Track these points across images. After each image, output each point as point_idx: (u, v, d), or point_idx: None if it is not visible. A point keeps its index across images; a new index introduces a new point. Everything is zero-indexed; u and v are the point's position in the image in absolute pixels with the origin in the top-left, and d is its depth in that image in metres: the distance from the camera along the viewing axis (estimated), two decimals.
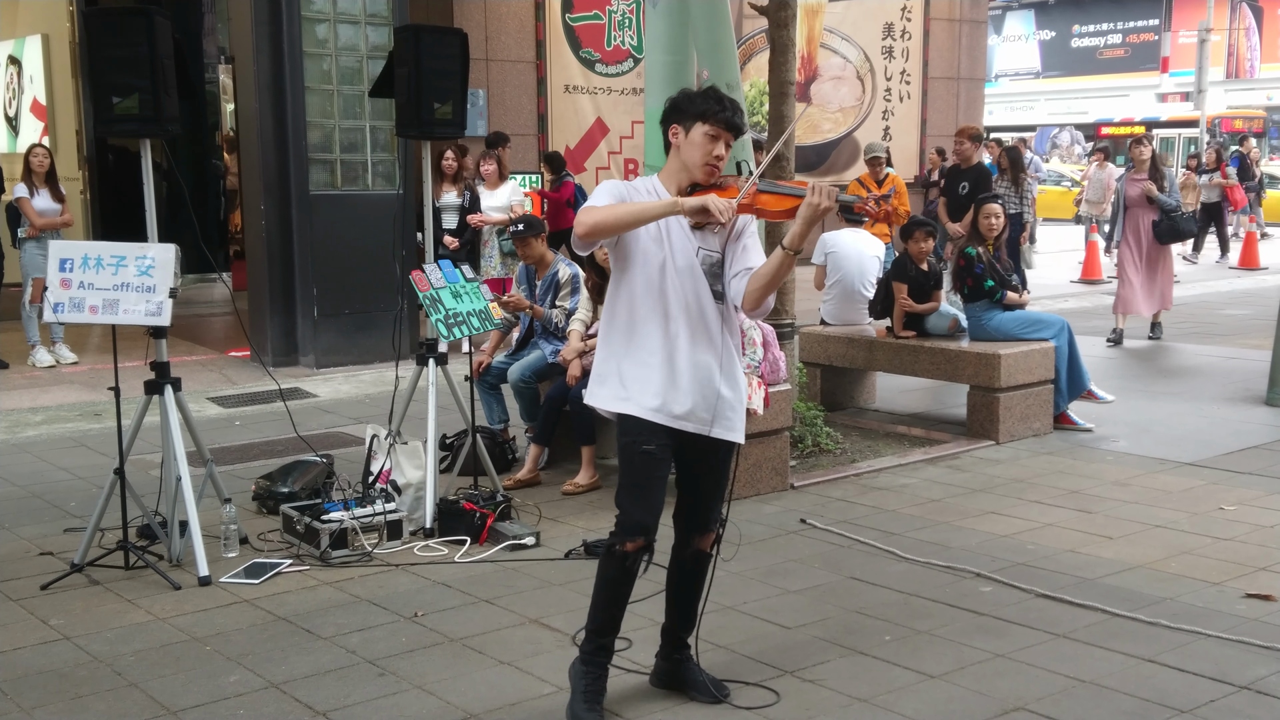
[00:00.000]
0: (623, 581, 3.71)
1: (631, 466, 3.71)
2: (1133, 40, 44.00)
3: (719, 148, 3.64)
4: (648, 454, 3.66)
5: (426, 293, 5.82)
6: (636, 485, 3.70)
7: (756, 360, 6.17)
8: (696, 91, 3.74)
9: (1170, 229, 10.59)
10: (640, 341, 3.67)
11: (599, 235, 3.56)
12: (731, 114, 3.64)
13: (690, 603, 3.92)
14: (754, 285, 3.61)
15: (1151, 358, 10.29)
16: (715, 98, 3.65)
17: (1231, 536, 5.48)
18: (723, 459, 3.82)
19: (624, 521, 3.69)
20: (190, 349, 10.72)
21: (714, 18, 7.34)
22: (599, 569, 3.76)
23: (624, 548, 3.66)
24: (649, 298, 3.65)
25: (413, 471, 5.80)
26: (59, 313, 5.13)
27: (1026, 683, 3.98)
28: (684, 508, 3.90)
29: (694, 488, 3.87)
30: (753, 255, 3.68)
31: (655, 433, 3.66)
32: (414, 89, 5.80)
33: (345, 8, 10.00)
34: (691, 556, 3.89)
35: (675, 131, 3.68)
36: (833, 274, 8.50)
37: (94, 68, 5.13)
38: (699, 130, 3.63)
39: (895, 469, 6.82)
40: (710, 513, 3.87)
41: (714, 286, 3.69)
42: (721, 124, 3.63)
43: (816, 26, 17.34)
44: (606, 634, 3.77)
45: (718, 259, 3.70)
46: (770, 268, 3.59)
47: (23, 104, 15.64)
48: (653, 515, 3.69)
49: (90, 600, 4.83)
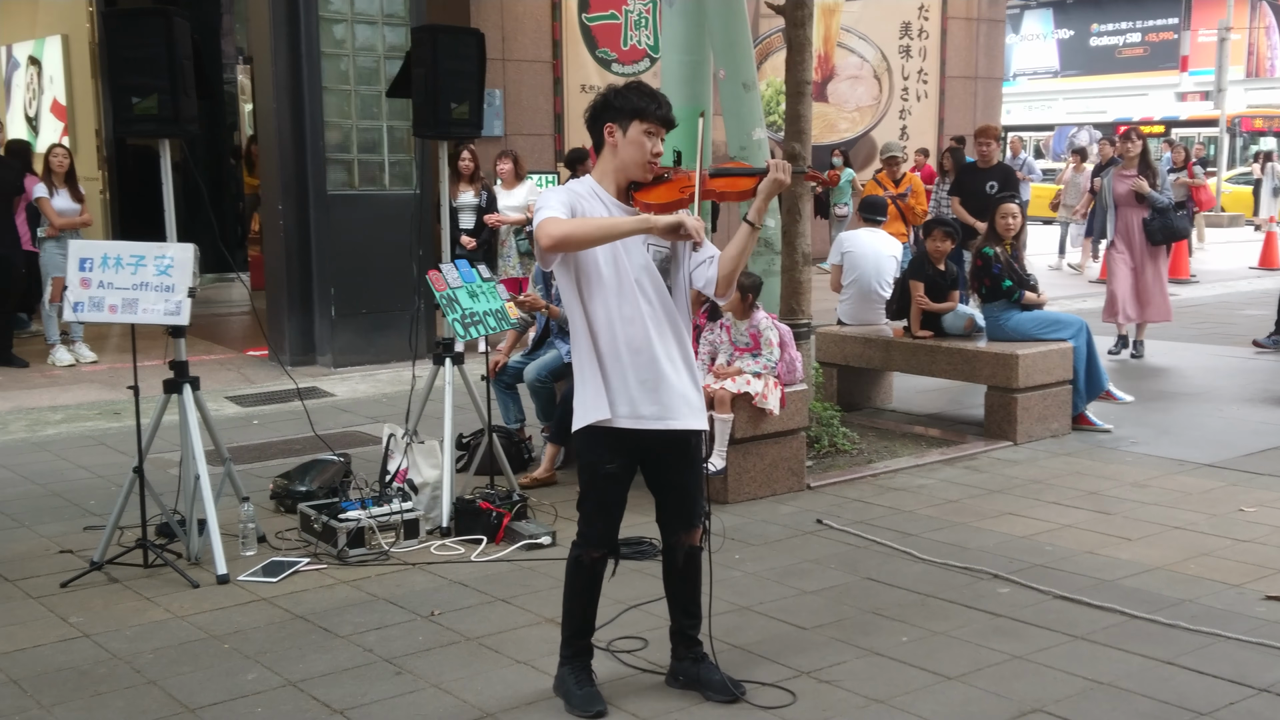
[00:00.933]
0: (591, 585, 3.83)
1: (594, 486, 3.78)
2: (1152, 39, 43.77)
3: (657, 144, 3.65)
4: (610, 475, 3.72)
5: (443, 292, 5.84)
6: (599, 503, 3.78)
7: (773, 360, 6.17)
8: (624, 88, 3.69)
9: (1163, 228, 9.80)
10: (603, 350, 3.64)
11: (565, 249, 3.52)
12: (666, 110, 3.66)
13: (692, 600, 3.93)
14: (726, 269, 3.67)
15: (1170, 359, 10.23)
16: (649, 94, 3.65)
17: (1251, 538, 5.45)
18: (694, 450, 3.82)
19: (587, 534, 3.80)
20: (209, 348, 10.77)
21: (730, 17, 7.34)
22: (567, 578, 3.84)
23: (592, 556, 3.78)
24: (610, 303, 3.62)
25: (429, 471, 5.82)
26: (79, 312, 5.16)
27: (1044, 684, 3.96)
28: (666, 508, 3.87)
29: (670, 485, 3.84)
30: (707, 244, 3.68)
31: (617, 450, 3.68)
32: (431, 89, 5.81)
33: (363, 8, 10.03)
34: (684, 555, 3.89)
35: (611, 130, 3.65)
36: (849, 274, 8.49)
37: (113, 68, 5.15)
38: (636, 129, 3.62)
39: (912, 469, 6.80)
40: (694, 507, 3.85)
41: (668, 280, 3.71)
42: (658, 121, 3.63)
43: (833, 25, 17.31)
44: (583, 635, 3.86)
45: (667, 253, 3.71)
46: (738, 245, 3.66)
47: (43, 104, 15.74)
48: (615, 528, 3.80)
49: (109, 598, 4.85)
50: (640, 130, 3.62)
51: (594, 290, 3.63)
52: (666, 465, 3.80)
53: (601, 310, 3.63)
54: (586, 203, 3.63)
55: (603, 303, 3.63)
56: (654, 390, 3.65)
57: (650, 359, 3.64)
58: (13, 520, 5.96)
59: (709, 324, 6.36)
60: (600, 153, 3.76)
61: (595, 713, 3.73)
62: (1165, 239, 9.87)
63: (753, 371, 6.10)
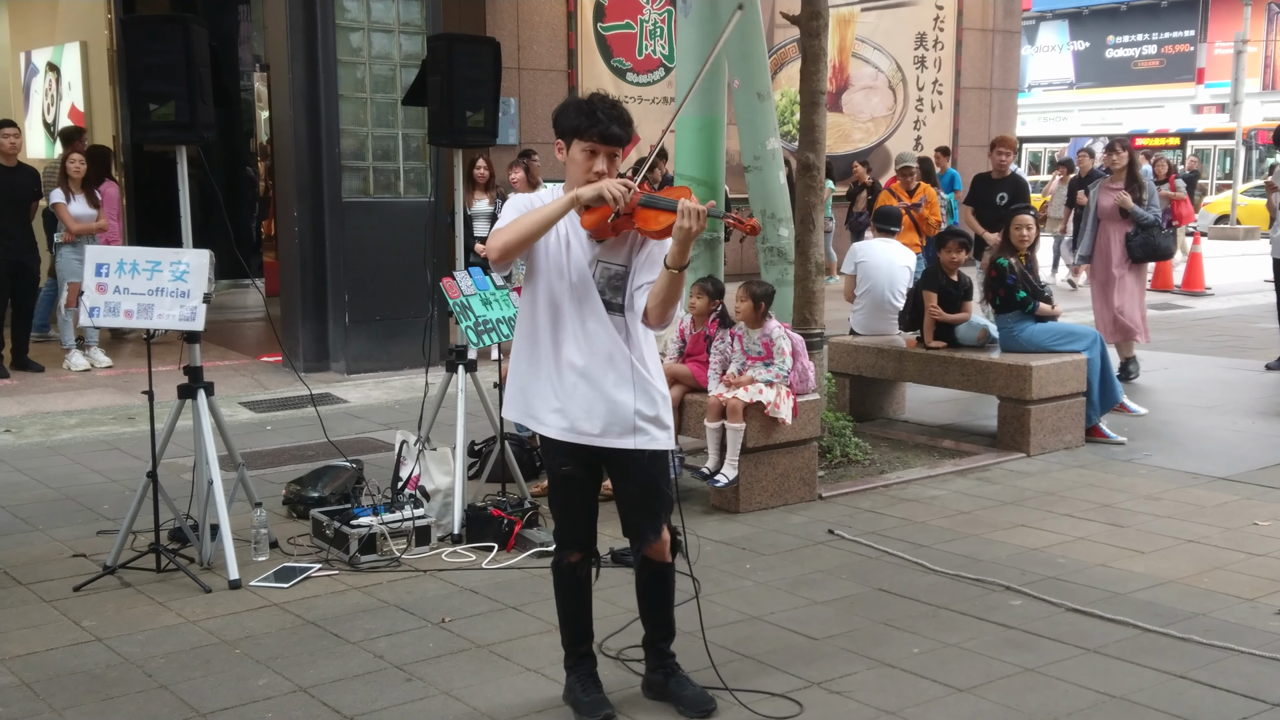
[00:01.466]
0: (578, 590, 3.84)
1: (555, 487, 3.83)
2: (1168, 51, 43.65)
3: (598, 163, 3.56)
4: (566, 476, 3.75)
5: (457, 300, 5.85)
6: (562, 505, 3.84)
7: (785, 370, 6.16)
8: (567, 105, 3.64)
9: (1144, 245, 9.24)
10: (539, 357, 3.67)
11: (511, 255, 3.53)
12: (606, 125, 3.54)
13: (660, 611, 3.90)
14: (651, 304, 3.56)
15: (1184, 372, 10.18)
16: (587, 111, 3.55)
17: (1265, 552, 5.42)
18: (644, 468, 3.70)
19: (560, 537, 3.84)
20: (223, 354, 10.80)
21: (746, 27, 7.36)
22: (555, 586, 3.87)
23: (569, 560, 3.80)
24: (546, 313, 3.64)
25: (441, 478, 5.83)
26: (94, 317, 5.19)
27: (1056, 698, 3.95)
28: (624, 522, 3.88)
29: (624, 500, 3.85)
30: (658, 266, 3.58)
31: (568, 453, 3.70)
32: (446, 97, 5.84)
33: (379, 16, 10.07)
34: (647, 570, 3.86)
35: (560, 147, 3.64)
36: (862, 284, 8.48)
37: (131, 75, 5.19)
38: (576, 148, 3.58)
39: (924, 480, 6.78)
40: (642, 523, 3.78)
41: (611, 299, 3.62)
42: (595, 138, 3.54)
43: (848, 36, 17.32)
44: (581, 643, 3.87)
45: (619, 269, 3.63)
46: (659, 287, 3.52)
47: (61, 110, 15.82)
48: (584, 528, 3.81)
49: (122, 602, 4.87)
50: (580, 149, 3.57)
51: (538, 300, 3.65)
52: (615, 478, 3.83)
53: (542, 321, 3.65)
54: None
55: (544, 314, 3.64)
56: (582, 407, 3.62)
57: (583, 375, 3.61)
58: (27, 524, 5.98)
59: (720, 332, 6.36)
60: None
61: (603, 717, 3.74)
62: (1145, 256, 9.39)
63: (765, 381, 6.10)
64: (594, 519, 3.83)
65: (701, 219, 3.41)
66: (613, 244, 3.63)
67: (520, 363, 3.75)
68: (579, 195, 3.49)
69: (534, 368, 3.70)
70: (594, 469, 3.78)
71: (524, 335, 3.74)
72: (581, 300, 3.61)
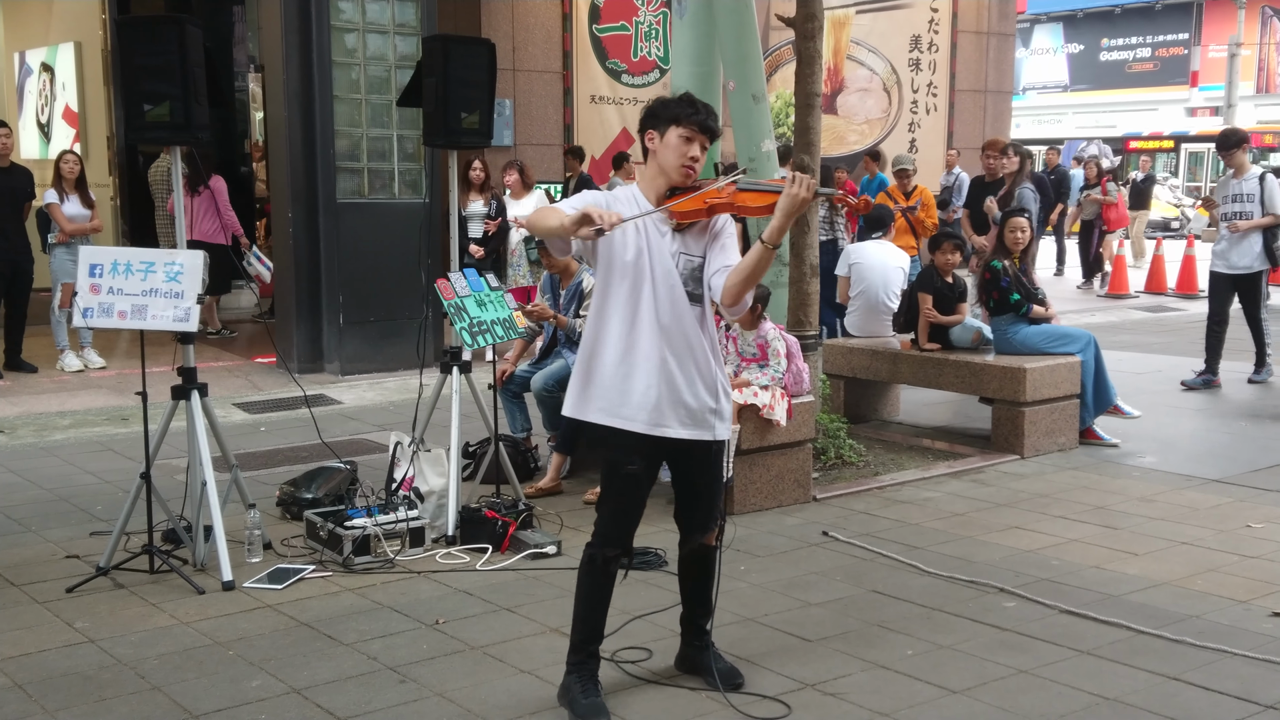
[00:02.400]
0: (604, 587, 3.86)
1: (614, 485, 3.83)
2: (1162, 54, 43.73)
3: (694, 149, 3.71)
4: (631, 475, 3.77)
5: (451, 301, 5.85)
6: (619, 504, 3.83)
7: (780, 372, 6.17)
8: (668, 97, 3.81)
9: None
10: (620, 351, 3.73)
11: (533, 233, 3.76)
12: (705, 116, 3.72)
13: (704, 592, 4.04)
14: (733, 280, 3.67)
15: (1178, 374, 10.20)
16: (689, 102, 3.74)
17: (1259, 554, 5.43)
18: (713, 458, 3.89)
19: (604, 533, 3.83)
20: (217, 355, 10.79)
21: (741, 29, 7.36)
22: (579, 579, 3.87)
23: (606, 555, 3.81)
24: (628, 306, 3.71)
25: (435, 479, 5.82)
26: (88, 317, 5.17)
27: (1049, 699, 3.95)
28: (683, 509, 3.98)
29: (689, 489, 3.95)
30: (730, 253, 3.75)
31: (639, 450, 3.74)
32: (441, 98, 5.83)
33: (374, 17, 10.06)
34: (697, 553, 4.00)
35: (651, 137, 3.76)
36: (857, 286, 8.49)
37: (126, 75, 5.18)
38: (674, 133, 3.71)
39: (918, 482, 6.79)
40: (710, 512, 3.94)
41: (694, 290, 3.75)
42: (695, 126, 3.70)
43: (843, 38, 17.33)
44: (592, 642, 3.87)
45: (699, 262, 3.76)
46: (749, 262, 3.64)
47: (55, 111, 15.80)
48: (631, 530, 3.86)
49: (115, 603, 4.86)
50: (677, 134, 3.70)
51: (615, 292, 3.74)
52: (685, 469, 3.91)
53: (627, 318, 3.72)
54: (623, 208, 3.73)
55: (621, 308, 3.72)
56: (668, 400, 3.72)
57: (665, 370, 3.71)
58: (19, 525, 5.97)
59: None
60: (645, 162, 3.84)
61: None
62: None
63: (760, 383, 6.10)
64: (640, 520, 3.88)
65: (811, 188, 3.56)
66: (693, 235, 3.75)
67: (596, 359, 3.76)
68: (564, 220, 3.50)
69: (613, 363, 3.73)
70: (655, 466, 3.86)
71: (603, 331, 3.76)
72: (664, 292, 3.71)
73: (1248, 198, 9.24)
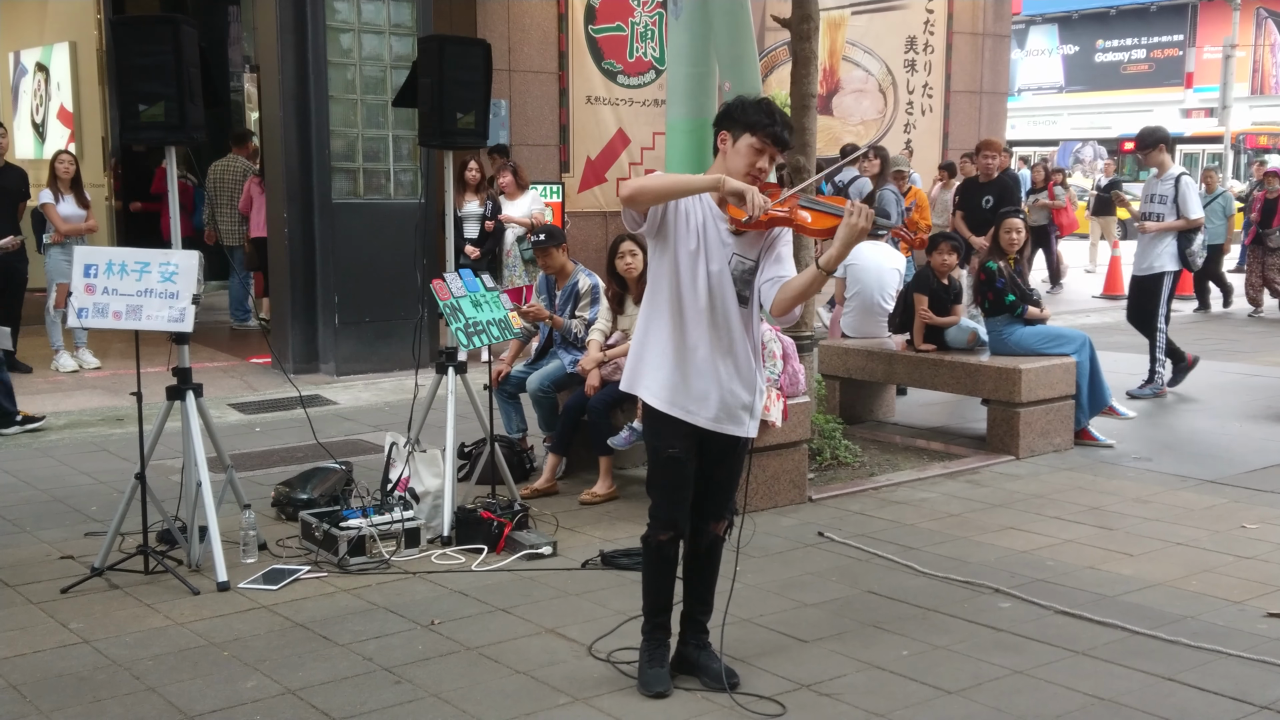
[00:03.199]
0: (665, 565, 3.99)
1: (660, 468, 3.95)
2: (1157, 55, 43.80)
3: (763, 160, 3.77)
4: (673, 458, 3.88)
5: (447, 301, 5.84)
6: (666, 485, 3.94)
7: (776, 373, 6.17)
8: (751, 101, 3.83)
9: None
10: (667, 336, 3.84)
11: (640, 201, 3.68)
12: (781, 129, 3.76)
13: (706, 586, 4.11)
14: (784, 295, 3.74)
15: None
16: (767, 110, 3.77)
17: (1253, 555, 5.44)
18: (738, 453, 4.00)
19: (657, 515, 3.95)
20: (212, 355, 10.78)
21: (736, 30, 7.34)
22: (644, 560, 4.04)
23: (659, 538, 3.95)
24: (679, 296, 3.81)
25: (431, 480, 5.81)
26: (83, 318, 5.17)
27: (1045, 700, 3.95)
28: (699, 497, 4.03)
29: (708, 479, 4.01)
30: (786, 265, 3.81)
31: (680, 435, 3.85)
32: (437, 99, 5.83)
33: (370, 18, 10.06)
34: (706, 542, 4.07)
35: (724, 138, 3.81)
36: (852, 287, 8.49)
37: (120, 75, 5.17)
38: (746, 141, 3.75)
39: (914, 483, 6.79)
40: (724, 503, 4.04)
41: (742, 291, 3.82)
42: (769, 138, 3.75)
43: (839, 39, 17.32)
44: (661, 613, 4.02)
45: (751, 265, 3.83)
46: (802, 282, 3.72)
47: (50, 111, 15.79)
48: (682, 510, 3.96)
49: (110, 604, 4.85)
50: (749, 143, 3.75)
51: (669, 282, 3.82)
52: (712, 460, 3.98)
53: (672, 302, 3.82)
54: (689, 203, 3.80)
55: (674, 296, 3.81)
56: (706, 394, 3.83)
57: (707, 363, 3.82)
58: (14, 525, 5.96)
59: None
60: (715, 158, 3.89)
61: (656, 693, 3.92)
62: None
63: None
64: (689, 502, 3.96)
65: (870, 218, 3.61)
66: (749, 239, 3.80)
67: (647, 340, 3.89)
68: (726, 180, 3.63)
69: (661, 349, 3.84)
70: (695, 451, 3.93)
71: (655, 316, 3.86)
72: (716, 289, 3.79)
73: (1161, 199, 9.09)
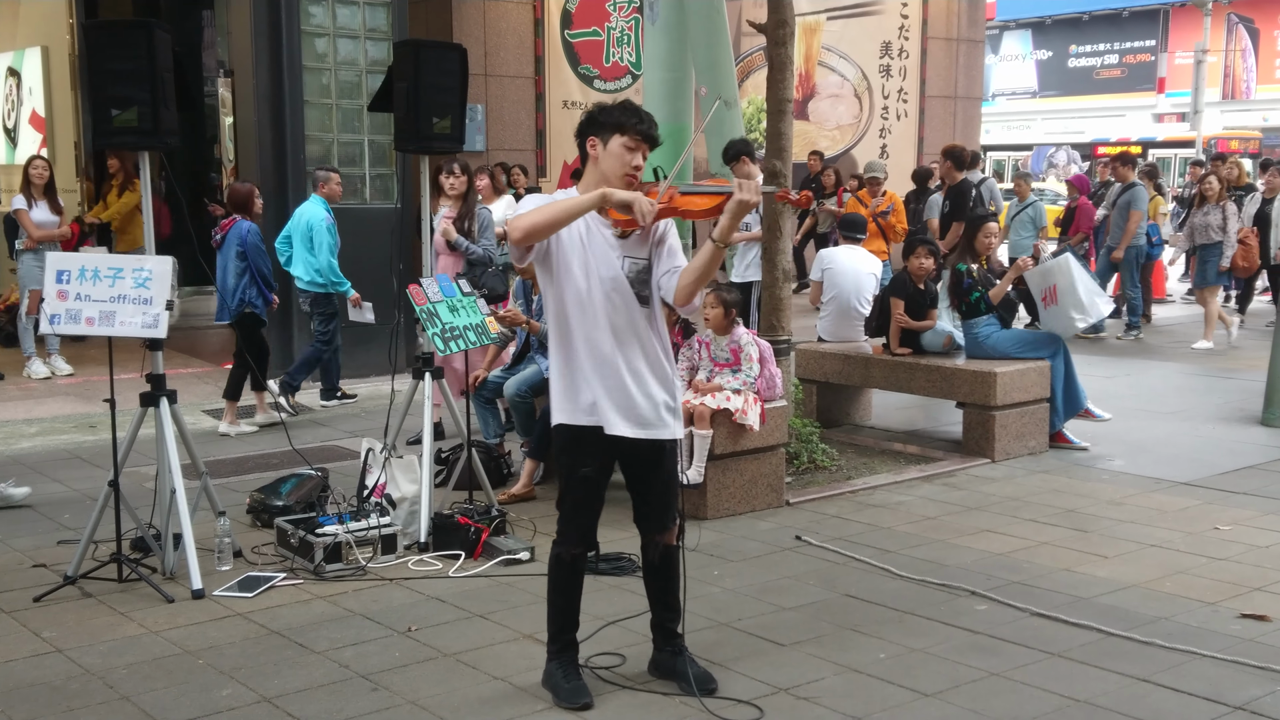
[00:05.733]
0: (572, 580, 3.96)
1: (570, 486, 3.94)
2: (1129, 61, 44.14)
3: (636, 158, 3.77)
4: (585, 478, 3.87)
5: (423, 306, 5.83)
6: (576, 502, 3.93)
7: (753, 376, 6.17)
8: (609, 105, 3.85)
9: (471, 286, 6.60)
10: (577, 353, 3.81)
11: (535, 237, 3.68)
12: (648, 126, 3.78)
13: (670, 593, 4.07)
14: (686, 280, 3.74)
15: (1145, 378, 10.29)
16: (632, 110, 3.79)
17: (1226, 556, 5.48)
18: (666, 458, 3.94)
19: (566, 532, 3.94)
20: (186, 361, 10.71)
21: (712, 35, 7.39)
22: (550, 576, 3.99)
23: (571, 553, 3.94)
24: (577, 310, 3.78)
25: (408, 485, 5.79)
26: (55, 324, 5.12)
27: (1021, 702, 3.97)
28: (640, 510, 4.02)
29: (644, 490, 4.00)
30: (678, 255, 3.83)
31: (592, 453, 3.84)
32: (413, 103, 5.82)
33: (345, 22, 10.03)
34: (659, 554, 4.03)
35: (593, 144, 3.80)
36: (829, 291, 8.51)
37: (93, 80, 5.14)
38: (617, 142, 3.76)
39: (891, 486, 6.81)
40: (664, 511, 3.98)
41: (641, 292, 3.81)
42: (639, 135, 3.76)
43: (815, 44, 17.39)
44: (569, 630, 3.99)
45: (644, 264, 3.82)
46: (700, 260, 3.72)
47: (21, 116, 15.65)
48: (591, 526, 3.96)
49: (83, 613, 4.81)
50: (620, 143, 3.75)
51: (566, 299, 3.80)
52: (639, 470, 3.96)
53: (573, 318, 3.79)
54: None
55: (574, 311, 3.79)
56: (619, 400, 3.79)
57: (614, 370, 3.78)
58: None
59: (685, 341, 6.38)
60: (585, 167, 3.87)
61: (582, 704, 3.88)
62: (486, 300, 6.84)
63: (732, 388, 6.11)
64: (598, 516, 3.97)
65: (758, 192, 3.62)
66: (636, 239, 3.80)
67: (557, 361, 3.87)
68: (610, 194, 3.63)
69: (570, 365, 3.82)
70: (609, 467, 3.93)
71: (556, 335, 3.86)
72: (613, 294, 3.77)
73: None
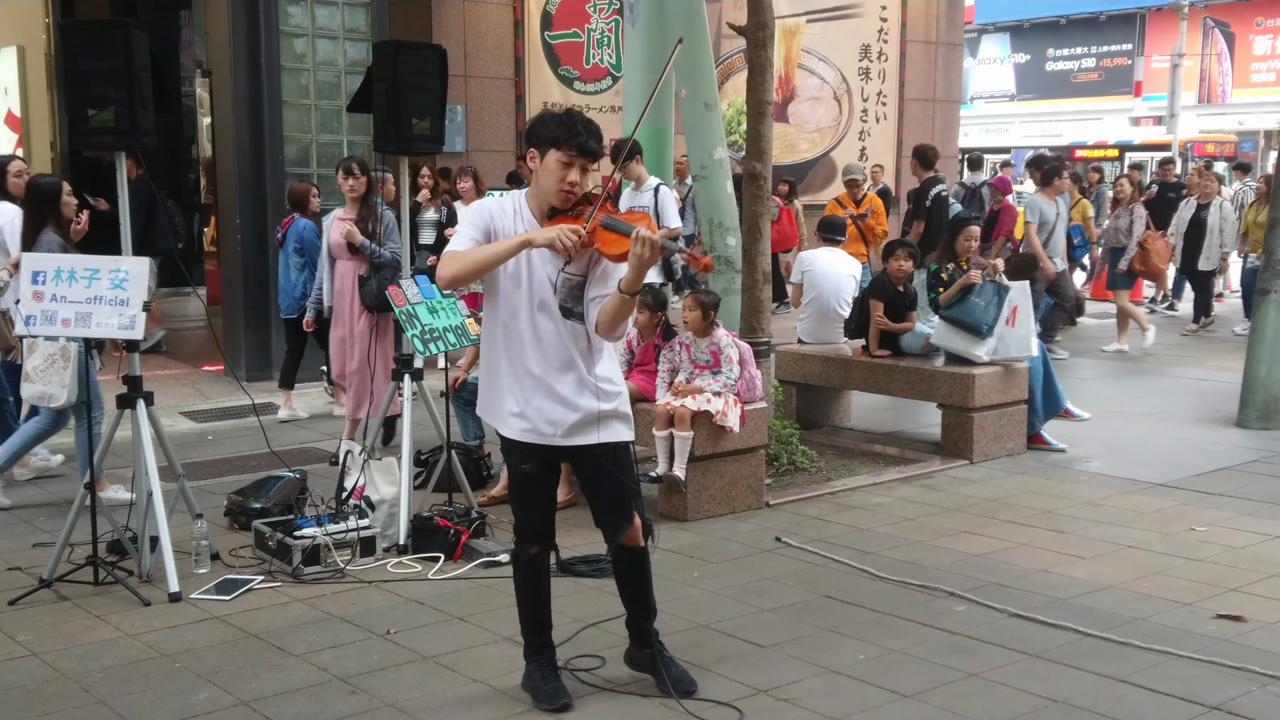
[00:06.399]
0: (537, 580, 3.96)
1: (516, 484, 3.94)
2: (1106, 64, 44.38)
3: (572, 174, 3.65)
4: (526, 473, 3.88)
5: (403, 308, 5.81)
6: (523, 501, 3.94)
7: (733, 378, 6.18)
8: (553, 114, 3.72)
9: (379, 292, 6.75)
10: (500, 362, 3.80)
11: (460, 284, 3.72)
12: (585, 139, 3.63)
13: (643, 592, 4.05)
14: (601, 319, 3.69)
15: (1125, 378, 10.35)
16: (568, 122, 3.64)
17: (1203, 557, 5.52)
18: (612, 460, 3.85)
19: (521, 530, 3.94)
20: (163, 363, 10.65)
21: (692, 37, 7.38)
22: (515, 578, 3.99)
23: (529, 552, 3.93)
24: (506, 322, 3.76)
25: (387, 487, 5.78)
26: (31, 325, 5.09)
27: (999, 703, 3.99)
28: (596, 513, 4.01)
29: (594, 493, 4.01)
30: (611, 280, 3.69)
31: (529, 452, 3.83)
32: (392, 104, 5.80)
33: (324, 22, 9.99)
34: (624, 556, 4.00)
35: (532, 156, 3.72)
36: (809, 292, 8.53)
37: (70, 80, 5.11)
38: (552, 157, 3.65)
39: (870, 488, 6.83)
40: (619, 512, 3.91)
41: (575, 307, 3.73)
42: (575, 149, 3.62)
43: (794, 47, 17.43)
44: (542, 631, 3.99)
45: (580, 280, 3.73)
46: (610, 306, 3.64)
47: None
48: (544, 522, 3.95)
49: (59, 616, 4.78)
50: (555, 158, 3.64)
51: (499, 310, 3.79)
52: (585, 473, 3.97)
53: (502, 329, 3.78)
54: (506, 220, 3.73)
55: (505, 323, 3.77)
56: (548, 410, 3.76)
57: (540, 381, 3.75)
58: None
59: (666, 343, 6.38)
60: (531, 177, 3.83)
61: (560, 705, 3.87)
62: (377, 305, 6.90)
63: (713, 390, 6.11)
64: (552, 513, 3.97)
65: (656, 250, 3.49)
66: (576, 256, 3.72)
67: (486, 366, 3.88)
68: (531, 239, 3.58)
69: (497, 372, 3.83)
70: (553, 465, 3.91)
71: (487, 341, 3.86)
72: (539, 310, 3.73)
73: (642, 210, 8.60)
